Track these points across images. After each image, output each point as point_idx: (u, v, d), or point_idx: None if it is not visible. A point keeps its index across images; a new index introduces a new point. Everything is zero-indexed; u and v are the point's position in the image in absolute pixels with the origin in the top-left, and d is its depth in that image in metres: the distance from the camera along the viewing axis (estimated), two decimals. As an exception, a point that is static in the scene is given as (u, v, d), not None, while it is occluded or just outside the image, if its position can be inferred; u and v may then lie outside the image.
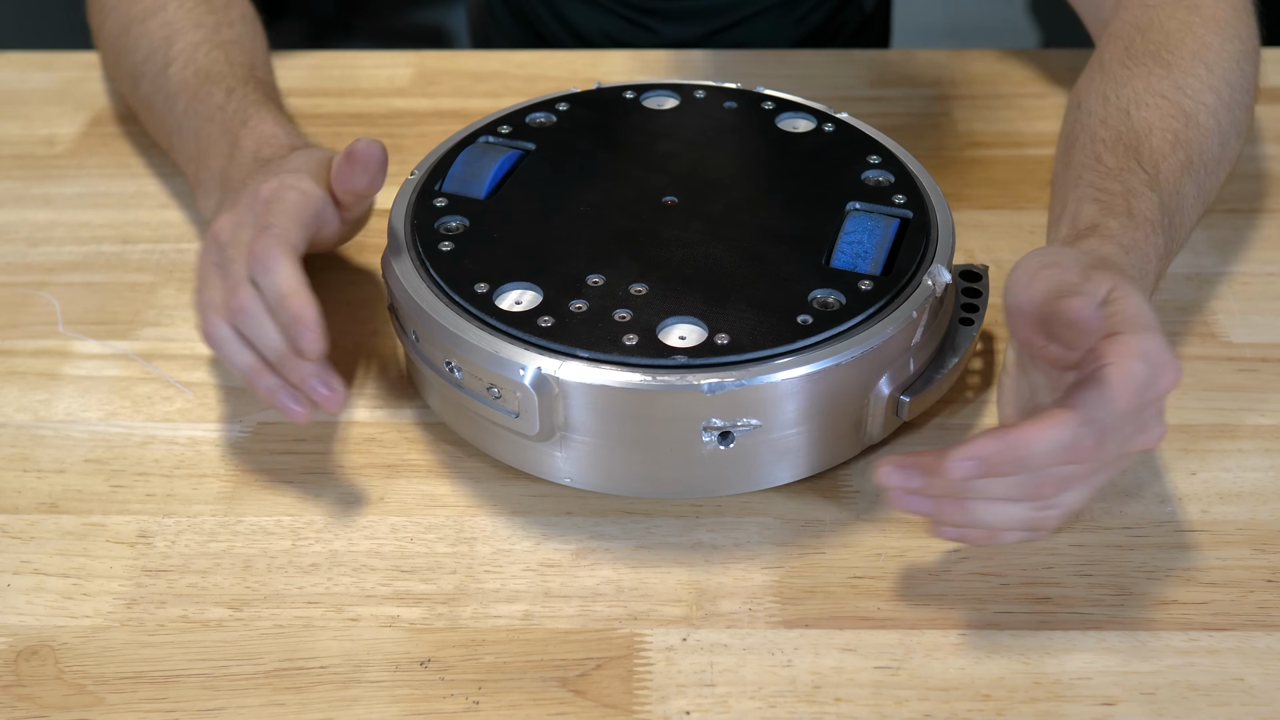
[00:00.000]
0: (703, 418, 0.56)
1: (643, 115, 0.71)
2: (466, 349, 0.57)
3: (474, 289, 0.59)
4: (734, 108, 0.71)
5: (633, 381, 0.55)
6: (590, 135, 0.69)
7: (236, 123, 0.70)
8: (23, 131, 0.86)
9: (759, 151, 0.68)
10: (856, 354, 0.56)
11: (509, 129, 0.69)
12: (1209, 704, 0.53)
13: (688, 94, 0.72)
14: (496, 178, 0.66)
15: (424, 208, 0.64)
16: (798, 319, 0.57)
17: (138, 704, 0.53)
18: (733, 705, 0.53)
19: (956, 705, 0.53)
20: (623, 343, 0.56)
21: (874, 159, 0.67)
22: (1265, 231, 0.76)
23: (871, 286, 0.59)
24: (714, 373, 0.55)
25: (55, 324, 0.71)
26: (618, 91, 0.73)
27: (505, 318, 0.57)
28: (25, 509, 0.61)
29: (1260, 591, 0.57)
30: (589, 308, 0.58)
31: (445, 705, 0.53)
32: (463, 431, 0.63)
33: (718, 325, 0.57)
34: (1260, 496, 0.61)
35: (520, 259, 0.61)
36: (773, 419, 0.56)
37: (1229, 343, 0.69)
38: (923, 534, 0.59)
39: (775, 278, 0.59)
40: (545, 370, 0.55)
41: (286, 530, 0.60)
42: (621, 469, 0.59)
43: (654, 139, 0.69)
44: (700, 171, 0.66)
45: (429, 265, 0.60)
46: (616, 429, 0.57)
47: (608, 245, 0.61)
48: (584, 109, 0.71)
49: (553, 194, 0.65)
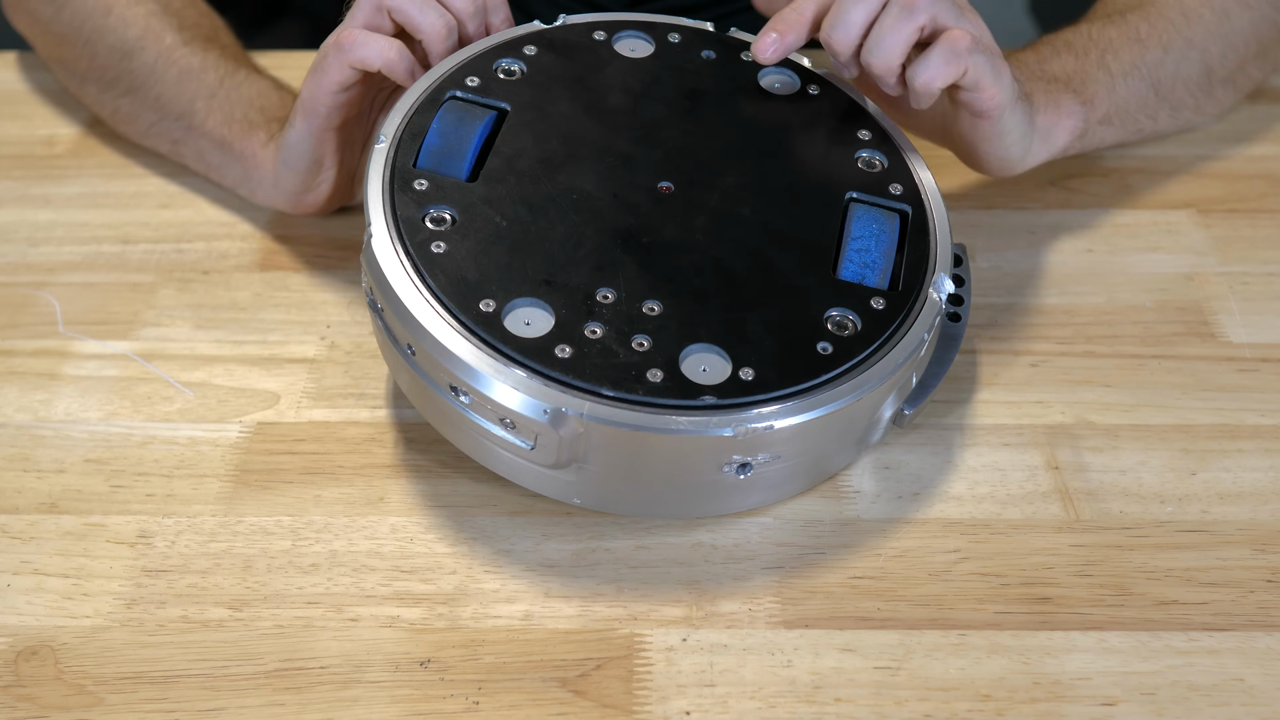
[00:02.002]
0: (726, 456, 0.55)
1: (619, 67, 0.67)
2: (478, 379, 0.54)
3: (479, 308, 0.55)
4: (713, 59, 0.68)
5: (659, 425, 0.53)
6: (567, 94, 0.65)
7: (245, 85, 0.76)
8: (23, 131, 0.86)
9: (748, 122, 0.66)
10: (876, 386, 0.56)
11: (477, 81, 0.64)
12: (1209, 704, 0.53)
13: (662, 38, 0.68)
14: (476, 150, 0.62)
15: (405, 193, 0.59)
16: (818, 347, 0.56)
17: (138, 704, 0.53)
18: (733, 705, 0.53)
19: (956, 705, 0.53)
20: (647, 379, 0.54)
21: (864, 134, 0.65)
22: (1265, 231, 0.76)
23: (884, 305, 0.58)
24: (741, 413, 0.54)
25: (55, 324, 0.71)
26: (586, 32, 0.68)
27: (519, 346, 0.54)
28: (25, 509, 0.61)
29: (1260, 591, 0.57)
30: (604, 334, 0.55)
31: (445, 705, 0.53)
32: (461, 446, 0.60)
33: (739, 355, 0.55)
34: (1260, 496, 0.61)
35: (521, 266, 0.57)
36: (793, 450, 0.56)
37: (1229, 343, 0.69)
38: (922, 534, 0.59)
39: (786, 291, 0.58)
40: (569, 410, 0.53)
41: (286, 530, 0.60)
42: (633, 495, 0.58)
43: (635, 101, 0.65)
44: (690, 146, 0.64)
45: (426, 276, 0.56)
46: (636, 464, 0.56)
47: (611, 249, 0.59)
48: (554, 55, 0.67)
49: (540, 176, 0.61)
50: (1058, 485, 0.62)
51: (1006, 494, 0.61)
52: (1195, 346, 0.69)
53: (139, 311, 0.72)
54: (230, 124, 0.74)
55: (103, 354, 0.69)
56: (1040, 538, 0.59)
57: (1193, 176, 0.81)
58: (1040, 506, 0.61)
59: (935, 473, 0.62)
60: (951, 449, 0.63)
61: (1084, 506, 0.61)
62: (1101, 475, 0.62)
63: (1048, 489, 0.61)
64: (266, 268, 0.75)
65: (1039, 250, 0.75)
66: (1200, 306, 0.71)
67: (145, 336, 0.70)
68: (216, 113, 0.75)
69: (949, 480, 0.62)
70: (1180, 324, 0.70)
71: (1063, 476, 0.62)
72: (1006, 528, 0.60)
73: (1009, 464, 0.63)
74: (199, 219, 0.78)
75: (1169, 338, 0.69)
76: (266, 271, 0.74)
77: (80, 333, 0.71)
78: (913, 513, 0.61)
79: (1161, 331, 0.70)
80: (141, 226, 0.78)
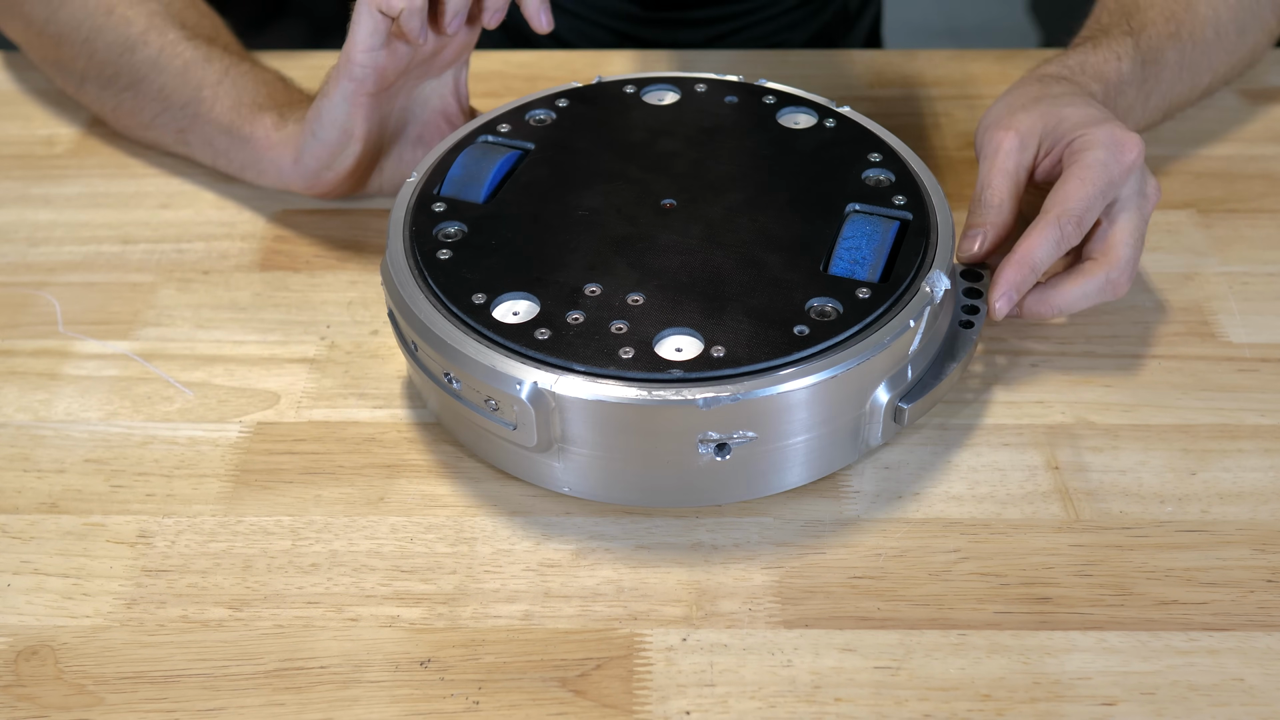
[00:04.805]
0: (699, 431, 0.55)
1: (643, 111, 0.71)
2: (464, 362, 0.57)
3: (471, 300, 0.58)
4: (735, 103, 0.71)
5: (628, 396, 0.55)
6: (590, 134, 0.69)
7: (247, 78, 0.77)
8: (23, 131, 0.86)
9: (759, 149, 0.68)
10: (852, 365, 0.56)
11: (508, 127, 0.69)
12: (1209, 704, 0.53)
13: (688, 88, 0.72)
14: (495, 180, 0.65)
15: (422, 213, 0.64)
16: (794, 330, 0.57)
17: (138, 704, 0.53)
18: (733, 705, 0.53)
19: (956, 705, 0.53)
20: (619, 356, 0.56)
21: (875, 157, 0.67)
22: (1265, 231, 0.76)
23: (869, 295, 0.58)
24: (709, 386, 0.55)
25: (55, 324, 0.71)
26: (618, 86, 0.72)
27: (502, 330, 0.57)
28: (25, 509, 0.61)
29: (1260, 591, 0.57)
30: (585, 319, 0.57)
31: (445, 705, 0.53)
32: (462, 438, 0.63)
33: (714, 337, 0.56)
34: (1260, 496, 0.61)
35: (518, 267, 0.60)
36: (769, 431, 0.56)
37: (1229, 343, 0.69)
38: (922, 534, 0.59)
39: (773, 286, 0.59)
40: (541, 384, 0.55)
41: (286, 530, 0.60)
42: (619, 480, 0.59)
43: (654, 137, 0.69)
44: (699, 172, 0.66)
45: (427, 275, 0.60)
46: (613, 442, 0.57)
47: (605, 252, 0.61)
48: (584, 105, 0.71)
49: (551, 197, 0.65)
50: (1058, 485, 0.62)
51: (1006, 494, 0.61)
52: (1195, 346, 0.69)
53: (139, 311, 0.72)
54: (238, 109, 0.75)
55: (103, 354, 0.69)
56: (1040, 538, 0.59)
57: (1193, 176, 0.81)
58: (1040, 506, 0.61)
59: (935, 473, 0.62)
60: (951, 449, 0.63)
61: (1084, 506, 0.61)
62: (1101, 475, 0.62)
63: (1048, 489, 0.61)
64: (266, 268, 0.75)
65: (1039, 250, 0.75)
66: (1200, 306, 0.71)
67: (145, 336, 0.70)
68: (224, 99, 0.75)
69: (949, 480, 0.62)
70: (1180, 324, 0.70)
71: (1063, 476, 0.62)
72: (1006, 528, 0.60)
73: (1009, 464, 0.63)
74: (199, 219, 0.78)
75: (1169, 338, 0.69)
76: (266, 271, 0.74)
77: (80, 333, 0.71)
78: (913, 513, 0.61)
79: (1161, 331, 0.70)
80: (141, 226, 0.78)
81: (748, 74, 0.75)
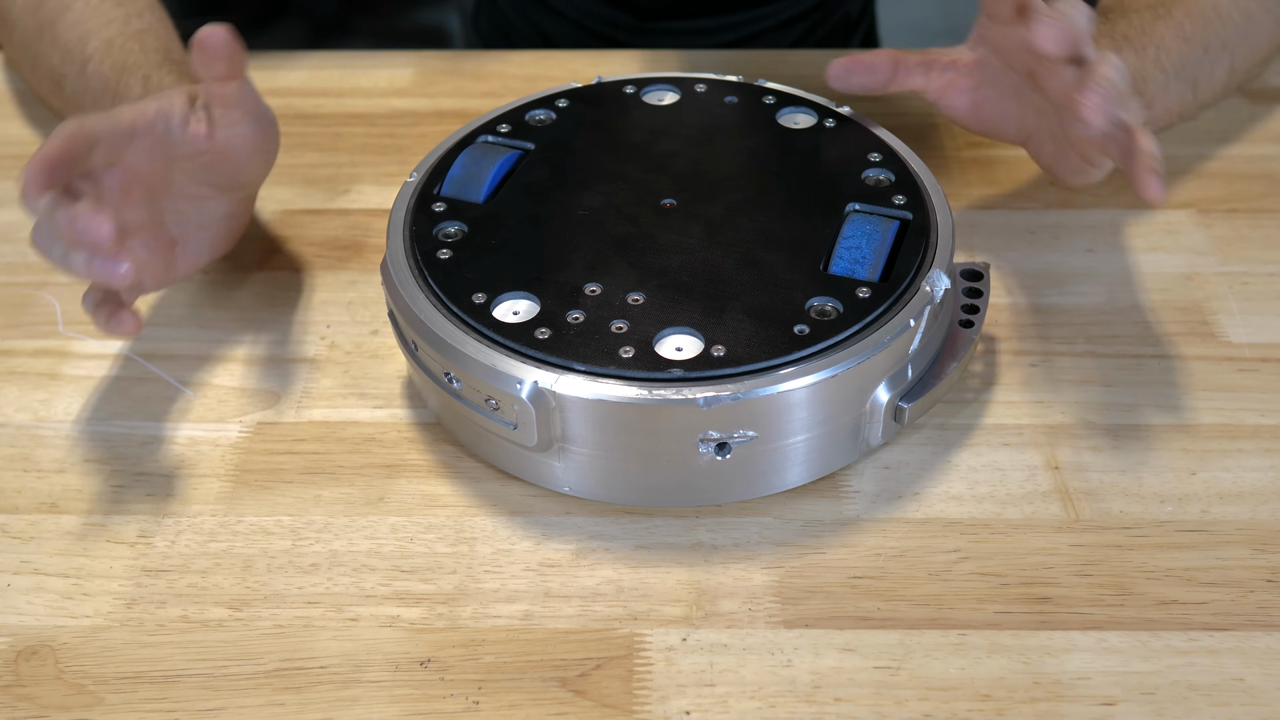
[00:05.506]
0: (699, 430, 0.55)
1: (643, 112, 0.71)
2: (464, 361, 0.57)
3: (471, 299, 0.59)
4: (735, 103, 0.71)
5: (628, 395, 0.55)
6: (590, 134, 0.69)
7: None
8: (23, 131, 0.86)
9: (759, 149, 0.68)
10: (853, 365, 0.56)
11: (508, 128, 0.69)
12: (1209, 704, 0.53)
13: (689, 88, 0.72)
14: (495, 180, 0.66)
15: (422, 213, 0.64)
16: (794, 329, 0.57)
17: (138, 704, 0.53)
18: (733, 705, 0.53)
19: (956, 705, 0.53)
20: (619, 355, 0.56)
21: (875, 157, 0.67)
22: (1265, 231, 0.76)
23: (869, 294, 0.59)
24: (709, 386, 0.55)
25: (55, 324, 0.71)
26: (618, 86, 0.73)
27: (502, 329, 0.57)
28: (25, 509, 0.61)
29: (1260, 591, 0.57)
30: (586, 319, 0.57)
31: (445, 705, 0.53)
32: (462, 438, 0.63)
33: (714, 336, 0.56)
34: (1260, 496, 0.61)
35: (518, 267, 0.60)
36: (769, 430, 0.56)
37: (1229, 343, 0.69)
38: (922, 534, 0.59)
39: (773, 285, 0.59)
40: (542, 384, 0.55)
41: (286, 530, 0.60)
42: (619, 479, 0.59)
43: (654, 137, 0.69)
44: (700, 172, 0.66)
45: (427, 275, 0.60)
46: (613, 441, 0.57)
47: (606, 252, 0.61)
48: (584, 105, 0.71)
49: (551, 197, 0.65)
50: (1058, 485, 0.62)
51: (1006, 494, 0.61)
52: (1195, 346, 0.69)
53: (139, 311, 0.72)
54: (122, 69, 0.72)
55: (103, 354, 0.69)
56: (1040, 537, 0.59)
57: (1193, 176, 0.81)
58: (1040, 506, 0.61)
59: (935, 473, 0.62)
60: (951, 449, 0.63)
61: (1084, 506, 0.61)
62: (1101, 475, 0.62)
63: (1048, 489, 0.61)
64: (266, 268, 0.75)
65: (1039, 250, 0.75)
66: (1200, 306, 0.71)
67: (145, 336, 0.70)
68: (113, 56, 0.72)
69: (949, 480, 0.62)
70: (1180, 324, 0.70)
71: (1063, 476, 0.62)
72: (1006, 527, 0.60)
73: (1009, 464, 0.63)
74: (199, 219, 0.78)
75: (1169, 338, 0.69)
76: (266, 271, 0.74)
77: (80, 333, 0.71)
78: (913, 513, 0.61)
79: (1161, 331, 0.70)
80: (141, 226, 0.78)
81: (748, 74, 0.75)
